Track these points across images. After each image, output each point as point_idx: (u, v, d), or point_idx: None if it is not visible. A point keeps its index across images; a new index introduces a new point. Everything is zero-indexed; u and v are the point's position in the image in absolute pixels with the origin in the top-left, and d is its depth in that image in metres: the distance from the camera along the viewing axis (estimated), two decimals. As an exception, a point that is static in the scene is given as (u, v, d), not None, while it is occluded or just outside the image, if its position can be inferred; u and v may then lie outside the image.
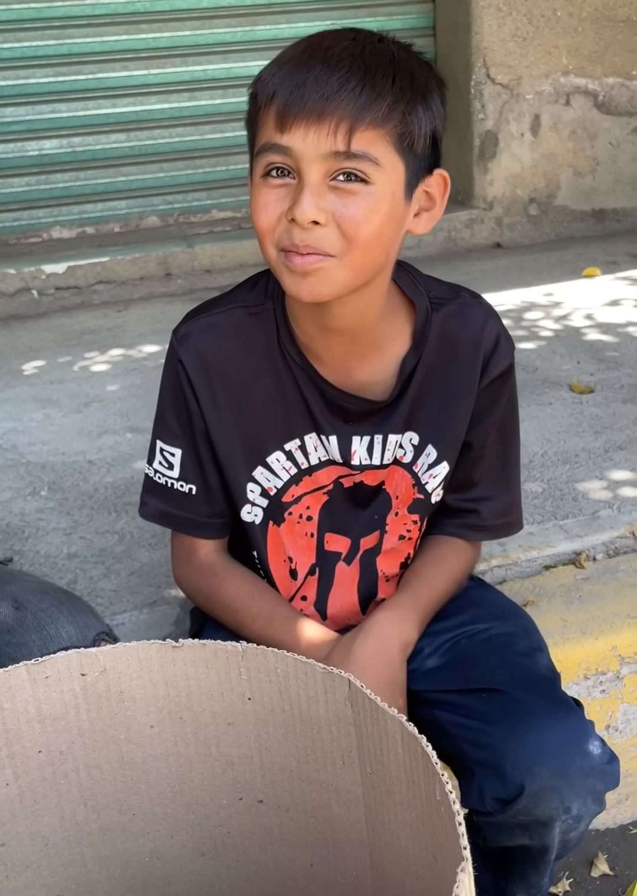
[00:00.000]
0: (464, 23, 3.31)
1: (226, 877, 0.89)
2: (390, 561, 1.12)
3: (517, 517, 1.15)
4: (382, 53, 0.89)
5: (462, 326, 1.02)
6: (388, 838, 0.75)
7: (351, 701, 0.73)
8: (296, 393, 1.02)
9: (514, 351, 1.07)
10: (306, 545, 1.09)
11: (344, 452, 1.04)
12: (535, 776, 0.90)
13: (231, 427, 1.04)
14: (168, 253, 3.18)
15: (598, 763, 0.93)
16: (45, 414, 2.17)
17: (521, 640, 1.06)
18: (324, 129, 0.85)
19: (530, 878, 1.03)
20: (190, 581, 1.12)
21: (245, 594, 1.07)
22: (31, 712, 0.80)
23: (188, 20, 3.32)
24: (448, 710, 1.01)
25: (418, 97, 0.89)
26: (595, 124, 3.52)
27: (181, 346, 1.02)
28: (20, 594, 1.08)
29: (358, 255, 0.89)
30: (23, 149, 3.30)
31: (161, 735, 0.83)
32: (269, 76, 0.89)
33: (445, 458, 1.07)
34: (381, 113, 0.86)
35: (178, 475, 1.06)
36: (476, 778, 0.94)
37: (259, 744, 0.81)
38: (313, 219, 0.86)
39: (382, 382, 1.02)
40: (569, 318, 2.62)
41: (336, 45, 0.87)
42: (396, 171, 0.89)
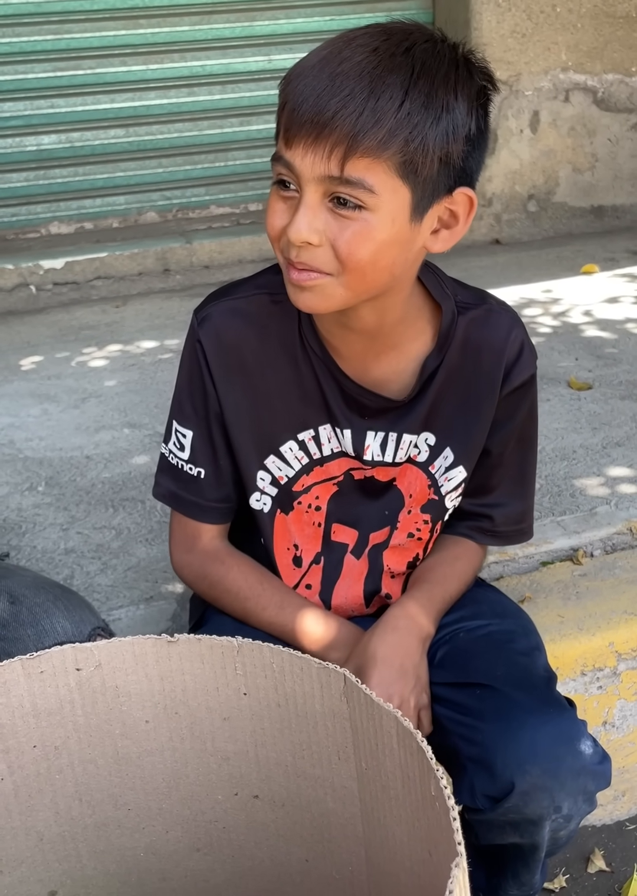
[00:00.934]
0: (463, 18, 3.31)
1: (221, 872, 0.89)
2: (397, 557, 1.11)
3: (529, 525, 1.15)
4: (400, 69, 0.83)
5: (487, 333, 1.01)
6: (383, 833, 0.75)
7: (346, 696, 0.73)
8: (314, 384, 1.02)
9: (536, 361, 1.06)
10: (313, 534, 1.09)
11: (357, 447, 1.04)
12: (525, 774, 0.90)
13: (245, 413, 1.03)
14: (166, 248, 3.17)
15: (590, 763, 0.92)
16: (43, 409, 2.17)
17: (520, 638, 1.06)
18: (319, 152, 0.83)
19: (522, 875, 1.03)
20: (193, 567, 1.10)
21: (254, 582, 1.07)
22: (25, 707, 0.79)
23: (187, 15, 3.31)
24: (443, 704, 1.01)
25: (430, 119, 0.83)
26: (594, 121, 3.51)
27: (201, 328, 1.01)
28: (16, 589, 1.08)
29: (354, 277, 0.88)
30: (21, 144, 3.29)
31: (156, 730, 0.83)
32: (289, 78, 0.87)
33: (462, 462, 1.06)
34: (377, 141, 0.82)
35: (187, 457, 1.06)
36: (468, 774, 0.94)
37: (255, 739, 0.81)
38: (305, 240, 0.86)
39: (401, 381, 1.02)
40: (567, 315, 2.62)
41: (352, 58, 0.83)
42: (398, 197, 0.85)
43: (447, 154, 0.85)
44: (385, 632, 1.01)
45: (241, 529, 1.12)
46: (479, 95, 0.88)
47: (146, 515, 1.66)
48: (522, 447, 1.10)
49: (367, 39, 0.85)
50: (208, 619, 1.13)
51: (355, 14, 3.43)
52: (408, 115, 0.83)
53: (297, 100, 0.84)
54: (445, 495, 1.08)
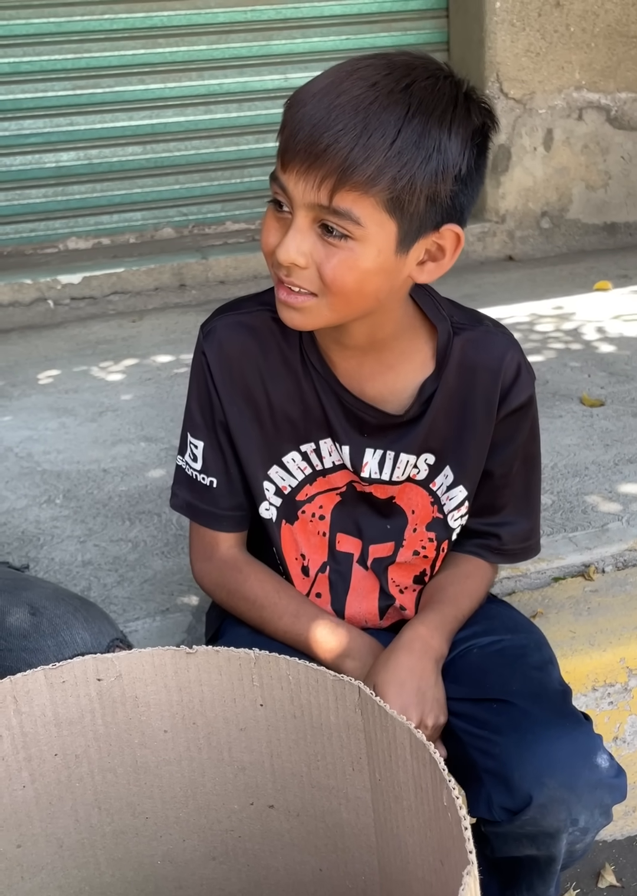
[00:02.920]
0: (477, 38, 3.34)
1: (236, 881, 0.90)
2: (402, 572, 1.13)
3: (536, 541, 1.17)
4: (396, 105, 0.85)
5: (482, 354, 1.03)
6: (395, 843, 0.76)
7: (361, 708, 0.75)
8: (314, 398, 1.05)
9: (534, 382, 1.08)
10: (318, 543, 1.11)
11: (355, 463, 1.06)
12: (543, 787, 0.91)
13: (248, 424, 1.06)
14: (182, 264, 3.21)
15: (606, 776, 0.93)
16: (61, 423, 2.20)
17: (533, 652, 1.07)
18: (310, 181, 0.86)
19: (536, 888, 1.04)
20: (212, 576, 1.13)
21: (271, 591, 1.09)
22: (47, 716, 0.81)
23: (204, 34, 3.36)
24: (460, 718, 1.02)
25: (420, 159, 0.85)
26: (607, 139, 3.54)
27: (206, 340, 1.06)
28: (36, 600, 1.10)
29: (338, 300, 0.91)
30: (40, 161, 3.34)
31: (174, 740, 0.84)
32: (292, 102, 0.90)
33: (463, 482, 1.08)
34: (365, 177, 0.84)
35: (200, 468, 1.09)
36: (485, 787, 0.95)
37: (270, 749, 0.83)
38: (292, 261, 0.89)
39: (399, 400, 1.04)
40: (580, 332, 2.63)
41: (350, 91, 0.85)
42: (385, 230, 0.88)
43: (435, 193, 0.88)
44: (400, 655, 1.02)
45: (258, 538, 1.14)
46: (474, 135, 0.89)
47: (162, 528, 1.69)
48: (526, 466, 1.11)
49: (369, 72, 0.87)
50: (224, 631, 1.15)
51: (371, 33, 3.47)
52: (398, 154, 0.85)
53: (294, 126, 0.87)
54: (448, 514, 1.09)
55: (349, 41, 3.45)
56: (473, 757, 0.98)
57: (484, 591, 1.14)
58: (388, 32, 3.48)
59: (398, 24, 3.48)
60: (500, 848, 1.00)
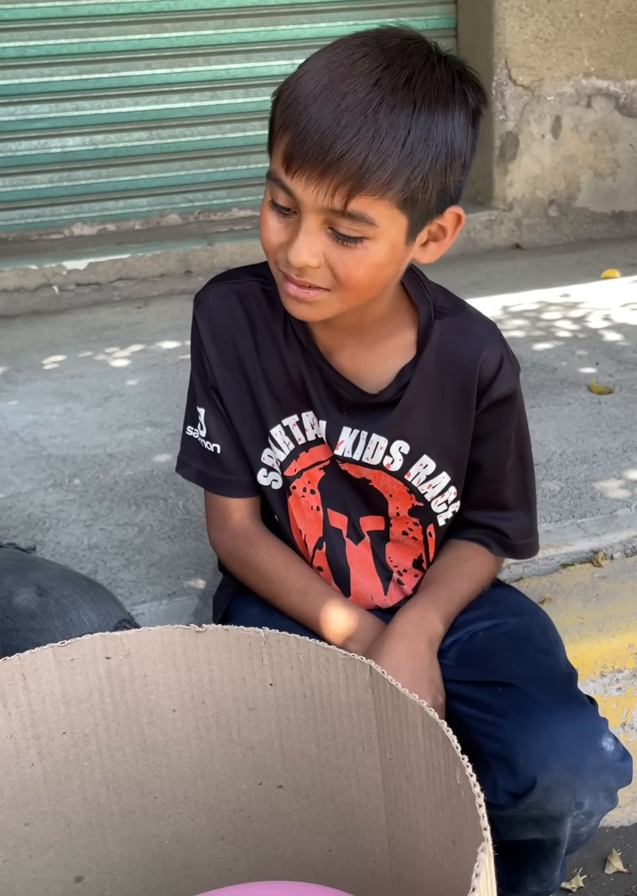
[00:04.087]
0: (486, 24, 3.32)
1: (244, 861, 0.90)
2: (399, 552, 1.13)
3: (536, 539, 1.17)
4: (403, 104, 0.84)
5: (462, 340, 1.03)
6: (406, 823, 0.76)
7: (371, 687, 0.74)
8: (296, 371, 1.06)
9: (519, 374, 1.07)
10: (313, 518, 1.12)
11: (331, 439, 1.07)
12: (547, 770, 0.91)
13: (240, 393, 1.08)
14: (188, 250, 3.20)
15: (611, 760, 0.93)
16: (66, 408, 2.19)
17: (539, 636, 1.07)
18: (323, 188, 0.85)
19: (542, 871, 1.04)
20: (225, 545, 1.14)
21: (280, 565, 1.10)
22: (56, 694, 0.81)
23: (211, 19, 3.34)
24: (465, 702, 1.02)
25: (431, 156, 0.86)
26: (616, 126, 3.51)
27: (197, 309, 1.08)
28: (43, 581, 1.09)
29: (350, 294, 0.92)
30: (46, 146, 3.33)
31: (183, 719, 0.84)
32: (288, 101, 0.88)
33: (445, 469, 1.08)
34: (381, 181, 0.85)
35: (205, 434, 1.11)
36: (490, 771, 0.95)
37: (280, 729, 0.82)
38: (306, 263, 0.89)
39: (376, 381, 1.04)
40: (587, 320, 2.62)
41: (355, 92, 0.84)
42: (397, 225, 0.89)
43: (445, 184, 0.89)
44: (393, 639, 1.02)
45: (271, 511, 1.15)
46: (473, 118, 0.90)
47: (168, 513, 1.68)
48: (522, 462, 1.11)
49: (368, 66, 0.85)
50: (232, 614, 1.15)
51: (378, 18, 3.44)
52: (410, 155, 0.85)
53: (299, 131, 0.85)
54: (431, 501, 1.09)
55: (357, 26, 3.40)
56: (478, 741, 0.98)
57: (485, 576, 1.13)
58: (396, 18, 3.42)
59: (406, 10, 3.46)
60: (506, 832, 1.00)
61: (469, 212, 3.48)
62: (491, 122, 3.39)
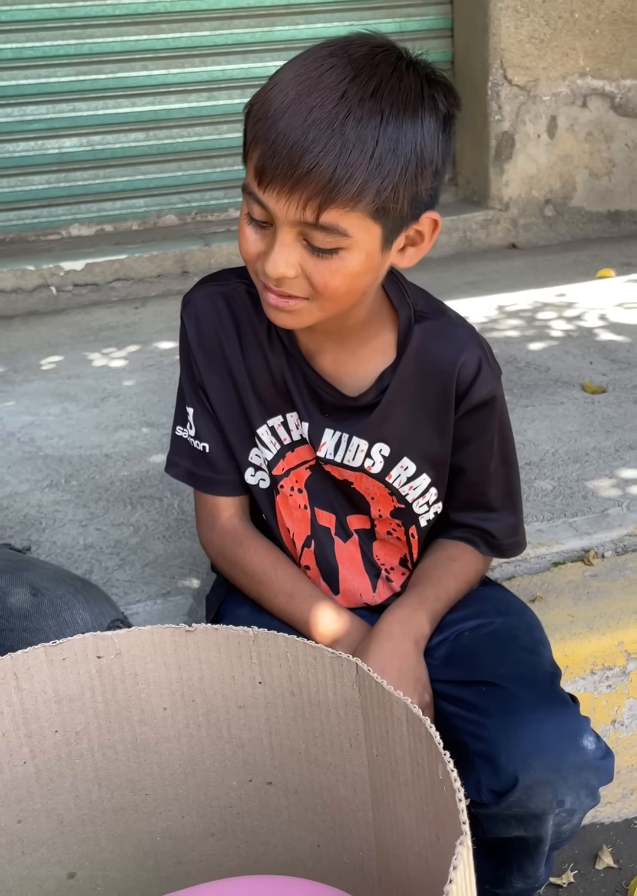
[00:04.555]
0: (481, 24, 3.33)
1: (235, 857, 0.91)
2: (386, 551, 1.14)
3: (523, 537, 1.18)
4: (370, 116, 0.84)
5: (441, 344, 1.04)
6: (392, 819, 0.77)
7: (358, 685, 0.76)
8: (280, 373, 1.07)
9: (500, 377, 1.08)
10: (301, 517, 1.13)
11: (313, 440, 1.08)
12: (528, 769, 0.92)
13: (227, 393, 1.09)
14: (185, 251, 3.21)
15: (592, 758, 0.94)
16: (63, 408, 2.21)
17: (525, 635, 1.08)
18: (293, 202, 0.86)
19: (526, 868, 1.05)
20: (215, 545, 1.16)
21: (268, 566, 1.11)
22: (48, 693, 0.82)
23: (207, 20, 3.35)
24: (451, 702, 1.03)
25: (400, 166, 0.86)
26: (612, 126, 3.52)
27: (185, 310, 1.10)
28: (38, 581, 1.11)
29: (329, 302, 0.93)
30: (43, 147, 3.34)
31: (174, 717, 0.85)
32: (258, 111, 0.88)
33: (425, 471, 1.09)
34: (351, 194, 0.85)
35: (194, 433, 1.12)
36: (474, 769, 0.97)
37: (269, 727, 0.83)
38: (282, 275, 0.90)
39: (357, 384, 1.06)
40: (582, 319, 2.63)
41: (322, 105, 0.84)
42: (371, 234, 0.89)
43: (416, 192, 0.89)
44: (380, 640, 1.03)
45: (255, 509, 1.16)
46: (444, 123, 0.90)
47: (164, 513, 1.69)
48: (506, 463, 1.12)
49: (335, 78, 0.85)
50: (224, 614, 1.16)
51: (375, 19, 3.45)
52: (378, 166, 0.85)
53: (268, 146, 0.86)
54: (412, 502, 1.10)
55: (353, 27, 3.40)
56: (464, 740, 0.99)
57: (472, 575, 1.14)
58: (392, 18, 3.46)
59: (402, 10, 3.47)
60: (490, 829, 1.01)
61: (465, 212, 3.50)
62: (487, 122, 3.40)
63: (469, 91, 3.48)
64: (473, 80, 3.42)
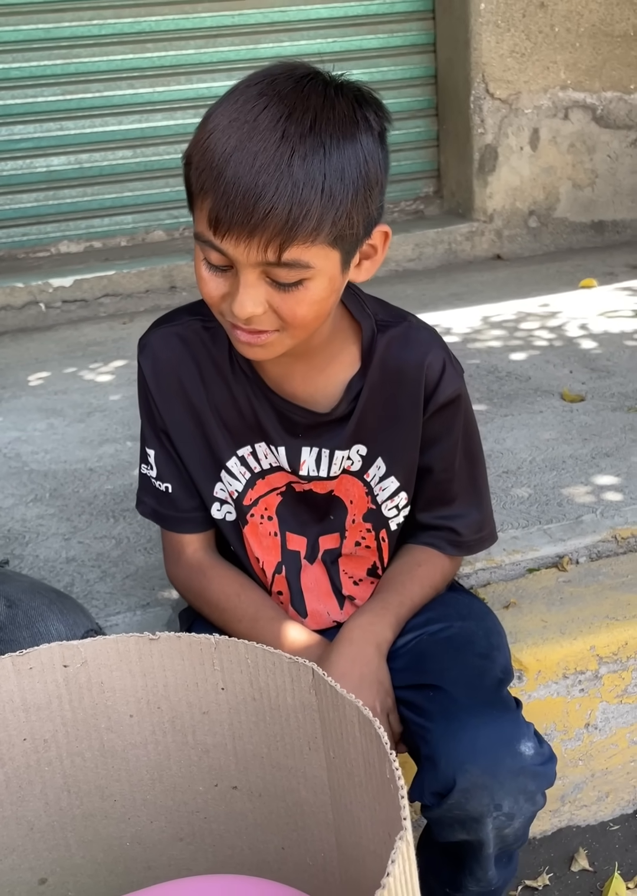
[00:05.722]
0: (463, 39, 3.37)
1: (203, 861, 0.93)
2: (353, 565, 1.16)
3: (490, 531, 1.20)
4: (313, 151, 0.86)
5: (406, 350, 1.07)
6: (350, 819, 0.79)
7: (315, 689, 0.78)
8: (247, 403, 1.08)
9: (463, 376, 1.11)
10: (271, 544, 1.14)
11: (292, 463, 1.09)
12: (465, 773, 0.94)
13: (191, 431, 1.10)
14: (173, 266, 3.24)
15: (530, 764, 0.96)
16: (49, 423, 2.23)
17: (480, 640, 1.10)
18: (253, 246, 0.87)
19: (476, 871, 1.06)
20: (180, 579, 1.17)
21: (231, 594, 1.12)
22: (16, 702, 0.84)
23: (192, 39, 3.38)
24: (405, 706, 1.05)
25: (350, 193, 0.88)
26: (593, 137, 3.56)
27: (142, 354, 1.10)
28: (13, 593, 1.13)
29: (298, 330, 0.95)
30: (31, 165, 3.37)
31: (140, 724, 0.87)
32: (199, 162, 0.89)
33: (394, 473, 1.11)
34: (309, 230, 0.87)
35: (155, 474, 1.14)
36: (422, 772, 0.99)
37: (232, 732, 0.85)
38: (250, 315, 0.92)
39: (328, 398, 1.07)
40: (563, 329, 2.66)
41: (266, 149, 0.85)
42: (331, 261, 0.91)
43: (368, 213, 0.92)
44: (341, 646, 1.05)
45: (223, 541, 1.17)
46: (380, 139, 0.92)
47: (145, 525, 1.71)
48: (470, 459, 1.14)
49: (270, 119, 0.86)
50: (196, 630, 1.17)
51: (358, 36, 3.49)
52: (331, 198, 0.87)
53: (220, 196, 0.87)
54: (382, 504, 1.12)
55: (336, 44, 3.48)
56: (416, 743, 1.01)
57: (438, 579, 1.16)
58: (375, 35, 3.50)
59: (384, 27, 3.51)
60: (439, 833, 1.03)
61: (450, 224, 3.53)
62: (470, 136, 3.44)
63: (452, 105, 3.52)
64: (456, 93, 3.46)
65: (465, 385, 1.12)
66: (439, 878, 1.11)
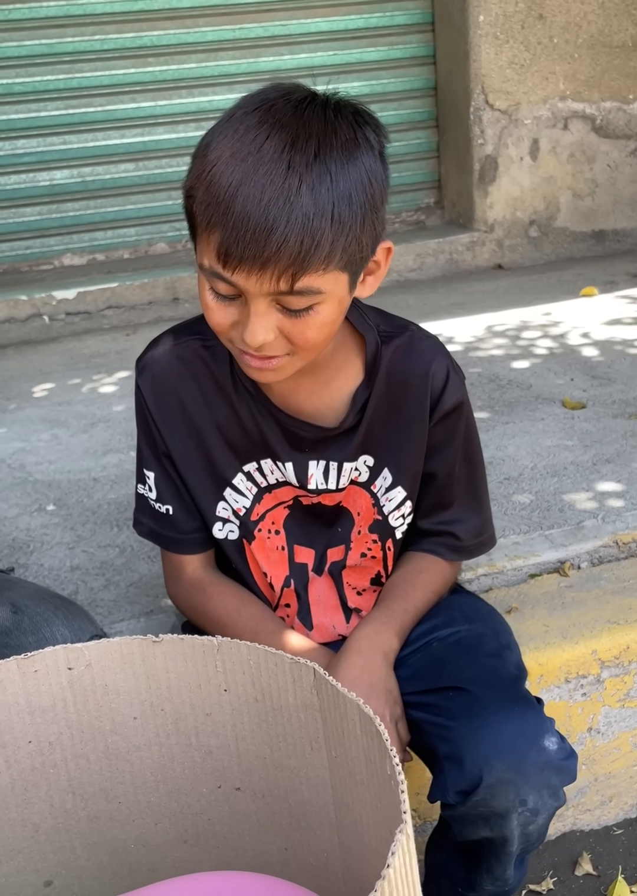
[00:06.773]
0: (463, 51, 3.39)
1: (207, 862, 0.93)
2: (357, 575, 1.17)
3: (490, 535, 1.20)
4: (320, 180, 0.86)
5: (410, 360, 1.07)
6: (352, 818, 0.79)
7: (316, 689, 0.78)
8: (251, 421, 1.08)
9: (464, 383, 1.12)
10: (279, 559, 1.14)
11: (300, 477, 1.10)
12: (491, 769, 0.95)
13: (193, 452, 1.09)
14: (176, 278, 3.26)
15: (554, 758, 0.96)
16: (53, 434, 2.24)
17: (490, 640, 1.11)
18: (266, 278, 0.87)
19: (495, 870, 1.07)
20: (181, 598, 1.17)
21: (232, 610, 1.12)
22: (21, 704, 0.85)
23: (194, 53, 3.41)
24: (421, 709, 1.06)
25: (358, 218, 0.88)
26: (593, 147, 3.58)
27: (140, 377, 1.09)
28: (18, 599, 1.13)
29: (309, 353, 0.96)
30: (34, 179, 3.40)
31: (144, 726, 0.88)
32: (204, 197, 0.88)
33: (401, 483, 1.12)
34: (322, 258, 0.87)
35: (155, 497, 1.13)
36: (444, 772, 0.99)
37: (235, 733, 0.86)
38: (263, 342, 0.92)
39: (334, 411, 1.08)
40: (565, 337, 2.67)
41: (274, 181, 0.85)
42: (340, 283, 0.92)
43: (375, 234, 0.92)
44: (349, 656, 1.06)
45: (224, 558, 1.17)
46: (381, 159, 0.92)
47: (149, 534, 1.72)
48: (469, 464, 1.15)
49: (276, 147, 0.86)
50: None
51: (358, 49, 3.52)
52: (341, 224, 0.87)
53: (229, 231, 0.86)
54: (388, 514, 1.13)
55: (336, 57, 3.50)
56: (433, 744, 1.02)
57: (440, 585, 1.17)
58: (375, 47, 3.53)
59: (384, 39, 3.54)
60: (460, 832, 1.03)
61: (451, 234, 3.55)
62: (470, 147, 3.46)
63: (452, 116, 3.54)
64: (456, 105, 3.48)
65: (467, 392, 1.13)
66: (452, 878, 1.12)
